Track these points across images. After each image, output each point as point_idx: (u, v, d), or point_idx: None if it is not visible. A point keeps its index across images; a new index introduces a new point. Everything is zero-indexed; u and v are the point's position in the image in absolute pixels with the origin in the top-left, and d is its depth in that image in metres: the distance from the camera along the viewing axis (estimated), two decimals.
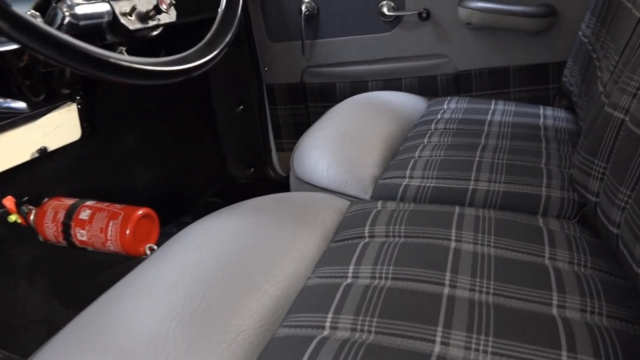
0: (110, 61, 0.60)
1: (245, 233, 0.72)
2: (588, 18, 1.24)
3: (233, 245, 0.68)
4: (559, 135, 1.13)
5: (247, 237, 0.71)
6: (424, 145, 1.09)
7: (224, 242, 0.69)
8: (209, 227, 0.75)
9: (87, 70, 0.59)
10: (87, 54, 0.58)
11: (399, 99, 1.41)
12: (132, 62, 0.62)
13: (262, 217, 0.76)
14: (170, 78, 0.71)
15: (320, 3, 1.59)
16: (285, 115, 1.79)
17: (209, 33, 0.80)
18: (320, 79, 1.69)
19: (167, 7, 1.12)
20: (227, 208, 0.83)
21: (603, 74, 0.87)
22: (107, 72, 0.60)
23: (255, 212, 0.78)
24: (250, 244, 0.69)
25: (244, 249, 0.68)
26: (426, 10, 1.49)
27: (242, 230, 0.72)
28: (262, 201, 0.82)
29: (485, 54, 1.51)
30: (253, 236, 0.71)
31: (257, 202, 0.82)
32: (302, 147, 1.12)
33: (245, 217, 0.76)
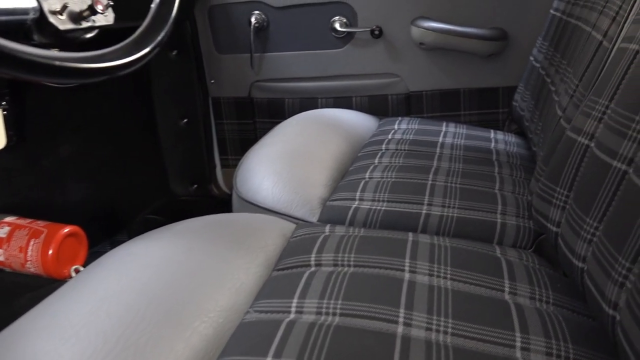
0: (3, 51, 0.50)
1: (176, 259, 0.64)
2: (540, 43, 1.23)
3: (160, 273, 0.60)
4: (511, 160, 1.10)
5: (177, 265, 0.62)
6: (374, 166, 1.04)
7: (150, 270, 0.60)
8: (134, 252, 0.66)
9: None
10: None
11: (350, 117, 1.36)
12: (36, 55, 0.53)
13: (196, 241, 0.68)
14: (87, 77, 0.62)
15: (271, 16, 1.54)
16: (232, 130, 1.71)
17: (139, 29, 0.72)
18: (268, 94, 1.63)
19: (103, 8, 1.03)
20: (158, 230, 0.75)
21: (561, 98, 0.85)
22: (4, 65, 0.50)
23: (189, 235, 0.70)
24: (180, 272, 0.61)
25: (173, 278, 0.60)
26: (379, 28, 1.46)
27: (173, 256, 0.64)
28: (198, 223, 0.74)
29: (436, 76, 1.49)
30: (185, 263, 0.63)
31: (193, 223, 0.74)
32: (247, 164, 1.05)
33: (178, 241, 0.68)
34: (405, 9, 1.44)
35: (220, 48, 1.62)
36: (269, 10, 1.53)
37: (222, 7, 1.57)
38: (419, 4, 1.43)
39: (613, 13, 0.74)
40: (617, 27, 0.70)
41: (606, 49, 0.71)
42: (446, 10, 1.42)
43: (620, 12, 0.72)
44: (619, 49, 0.64)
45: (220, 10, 1.57)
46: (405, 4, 1.44)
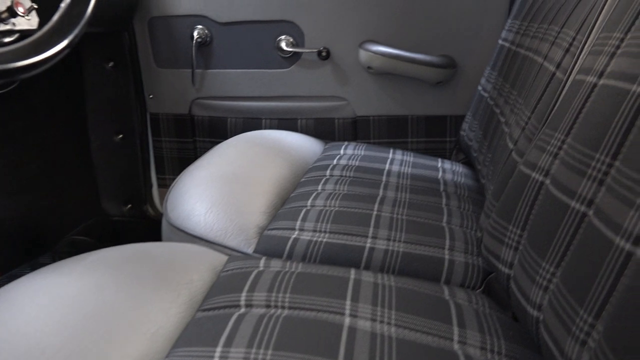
0: None
1: (83, 299, 0.55)
2: (488, 72, 1.22)
3: (62, 316, 0.51)
4: (458, 192, 1.07)
5: (83, 305, 0.54)
6: (317, 193, 0.98)
7: (49, 311, 0.51)
8: (35, 287, 0.56)
9: None
10: None
11: (294, 140, 1.30)
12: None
13: (110, 276, 0.59)
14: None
15: (214, 31, 1.47)
16: (170, 148, 1.62)
17: (42, 29, 0.63)
18: (210, 112, 1.55)
19: (25, 11, 0.93)
20: (69, 261, 0.65)
21: (512, 129, 0.81)
22: None
23: (103, 268, 0.61)
24: (86, 315, 0.52)
25: (75, 322, 0.51)
26: (326, 50, 1.42)
27: (79, 295, 0.55)
28: (116, 253, 0.65)
29: (384, 101, 1.46)
30: (93, 303, 0.54)
31: (109, 254, 0.65)
32: (179, 186, 0.97)
33: (88, 275, 0.59)
34: (353, 32, 1.41)
35: (160, 62, 1.53)
36: (213, 25, 1.46)
37: (164, 19, 1.48)
38: (367, 27, 1.40)
39: (566, 44, 0.72)
40: (572, 58, 0.68)
41: (560, 80, 0.68)
42: (395, 35, 1.40)
43: (574, 42, 0.69)
44: (575, 81, 0.61)
45: (161, 22, 1.49)
46: (353, 26, 1.40)
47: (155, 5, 1.47)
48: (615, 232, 0.44)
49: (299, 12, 1.41)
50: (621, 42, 0.55)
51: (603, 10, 0.64)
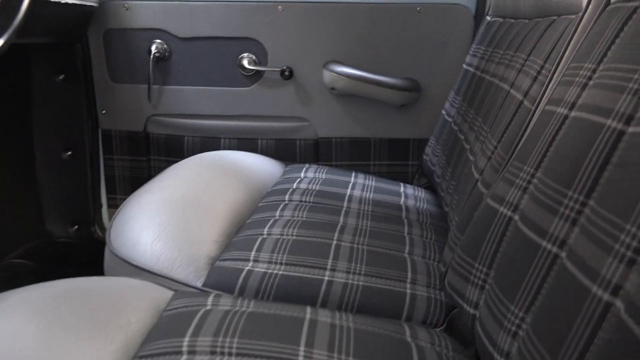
0: None
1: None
2: (452, 97, 1.20)
3: None
4: (421, 219, 1.03)
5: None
6: (275, 220, 0.93)
7: None
8: None
9: None
10: None
11: (253, 162, 1.25)
12: None
13: (31, 321, 0.52)
14: None
15: (173, 46, 1.41)
16: (123, 167, 1.54)
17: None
18: (166, 129, 1.48)
19: None
20: None
21: (477, 158, 0.78)
22: None
23: (23, 311, 0.54)
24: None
25: None
26: (289, 69, 1.37)
27: None
28: (40, 292, 0.58)
29: (347, 123, 1.42)
30: (5, 355, 0.47)
31: (33, 293, 0.58)
32: (126, 211, 0.90)
33: (4, 320, 0.52)
34: (317, 52, 1.37)
35: (115, 76, 1.46)
36: (172, 40, 1.41)
37: (120, 32, 1.42)
38: (332, 47, 1.37)
39: (534, 72, 0.69)
40: (541, 87, 0.65)
41: (528, 110, 0.66)
42: (360, 57, 1.37)
43: (542, 71, 0.67)
44: (545, 111, 0.58)
45: (118, 35, 1.42)
46: (318, 46, 1.37)
47: (111, 17, 1.40)
48: (592, 279, 0.40)
49: (263, 29, 1.37)
50: (593, 72, 0.53)
51: (572, 39, 0.62)
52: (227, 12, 1.37)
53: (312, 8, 1.34)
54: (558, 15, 0.74)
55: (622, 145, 0.44)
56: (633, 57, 0.47)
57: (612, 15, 0.55)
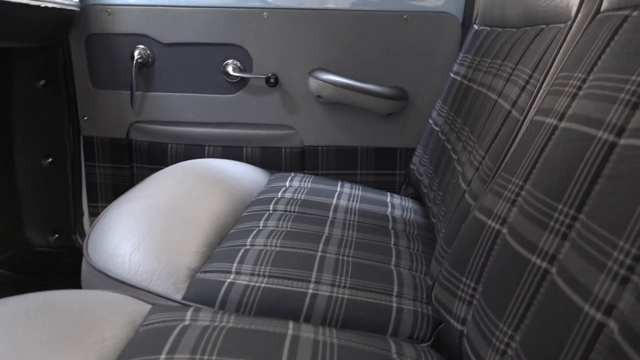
0: None
1: None
2: (439, 106, 1.19)
3: None
4: (407, 229, 1.02)
5: None
6: (258, 230, 0.91)
7: None
8: None
9: None
10: None
11: (237, 170, 1.23)
12: None
13: (1, 336, 0.50)
14: None
15: (157, 52, 1.39)
16: (105, 174, 1.50)
17: None
18: (150, 137, 1.45)
19: None
20: None
21: (465, 168, 0.77)
22: None
23: None
24: None
25: None
26: (274, 76, 1.36)
27: None
28: (10, 307, 0.56)
29: (333, 131, 1.41)
30: None
31: (4, 307, 0.56)
32: (104, 221, 0.87)
33: None
34: (303, 59, 1.36)
35: (97, 82, 1.43)
36: (156, 46, 1.38)
37: (103, 37, 1.39)
38: (318, 55, 1.35)
39: (522, 82, 0.68)
40: (529, 97, 0.64)
41: (517, 120, 0.64)
42: (347, 65, 1.35)
43: (531, 81, 0.66)
44: (533, 122, 0.57)
45: (100, 40, 1.39)
46: (304, 53, 1.35)
47: (94, 22, 1.38)
48: (584, 297, 0.39)
49: (248, 36, 1.35)
50: (583, 82, 0.51)
51: (561, 49, 0.61)
52: (212, 18, 1.35)
53: (298, 14, 1.33)
54: (546, 24, 0.73)
55: (613, 158, 0.43)
56: (624, 66, 0.46)
57: (602, 24, 0.53)
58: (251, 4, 1.34)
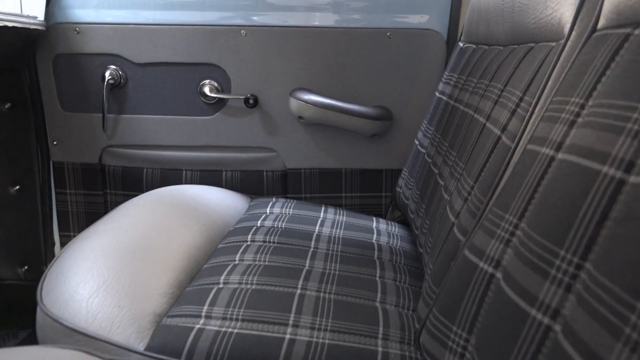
0: None
1: None
2: (425, 126, 1.13)
3: None
4: (394, 259, 0.96)
5: None
6: (234, 266, 0.84)
7: None
8: None
9: None
10: None
11: (214, 197, 1.16)
12: None
13: None
14: None
15: (130, 72, 1.32)
16: (77, 202, 1.43)
17: None
18: (123, 161, 1.38)
19: None
20: None
21: (452, 197, 0.71)
22: None
23: None
24: None
25: None
26: (254, 97, 1.30)
27: None
28: None
29: (316, 153, 1.35)
30: None
31: None
32: (62, 261, 0.80)
33: None
34: (284, 79, 1.30)
35: (66, 105, 1.36)
36: (128, 66, 1.32)
37: (71, 57, 1.33)
38: (299, 74, 1.30)
39: (512, 105, 0.63)
40: (520, 122, 0.58)
41: (508, 147, 0.59)
42: (329, 84, 1.30)
43: (521, 104, 0.60)
44: (527, 151, 0.51)
45: (69, 60, 1.33)
46: (284, 72, 1.30)
47: (61, 41, 1.31)
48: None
49: (225, 55, 1.29)
50: (581, 108, 0.46)
51: (554, 70, 0.55)
52: (187, 36, 1.29)
53: (277, 32, 1.28)
54: (536, 42, 0.68)
55: (622, 197, 0.37)
56: (629, 92, 0.41)
57: (599, 43, 0.48)
58: (229, 22, 1.28)
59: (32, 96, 1.35)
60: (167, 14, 1.28)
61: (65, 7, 1.29)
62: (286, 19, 1.28)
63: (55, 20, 1.29)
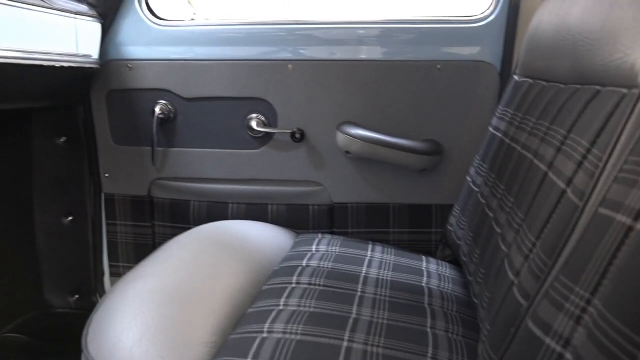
0: None
1: None
2: (478, 163, 1.08)
3: None
4: (446, 306, 0.91)
5: None
6: (278, 312, 0.81)
7: None
8: None
9: None
10: None
11: (260, 234, 1.15)
12: None
13: None
14: None
15: (179, 107, 1.33)
16: (126, 233, 1.45)
17: None
18: (171, 194, 1.39)
19: None
20: None
21: (511, 251, 0.66)
22: None
23: None
24: None
25: None
26: (301, 131, 1.28)
27: None
28: None
29: (363, 188, 1.32)
30: None
31: None
32: (107, 306, 0.80)
33: None
34: (330, 112, 1.28)
35: (118, 139, 1.39)
36: (178, 101, 1.33)
37: (124, 92, 1.35)
38: (346, 107, 1.27)
39: (578, 157, 0.58)
40: (589, 179, 0.53)
41: (575, 206, 0.54)
42: (376, 117, 1.27)
43: (589, 157, 0.56)
44: (599, 215, 0.47)
45: (121, 95, 1.36)
46: (331, 106, 1.28)
47: (115, 78, 1.34)
48: None
49: (272, 89, 1.29)
50: None
51: (628, 123, 0.51)
52: (235, 71, 1.29)
53: (324, 66, 1.26)
54: (603, 86, 0.63)
55: None
56: None
57: None
58: (275, 57, 1.28)
59: (86, 130, 1.38)
60: (215, 49, 1.29)
61: (118, 44, 1.32)
62: (333, 53, 1.26)
63: (109, 57, 1.32)
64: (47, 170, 1.41)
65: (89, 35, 1.24)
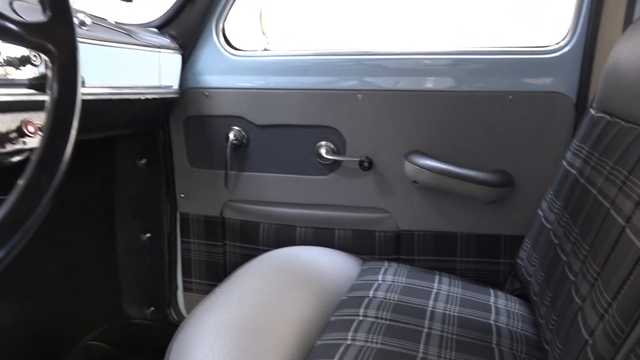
0: None
1: None
2: (551, 198, 1.06)
3: None
4: (514, 347, 0.90)
5: None
6: (347, 347, 0.84)
7: None
8: None
9: None
10: None
11: (327, 261, 1.17)
12: None
13: None
14: None
15: (251, 133, 1.39)
16: (199, 251, 1.52)
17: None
18: (242, 215, 1.45)
19: (34, 130, 0.87)
20: None
21: (586, 308, 0.65)
22: None
23: None
24: None
25: None
26: (368, 160, 1.30)
27: None
28: None
29: (430, 216, 1.32)
30: None
31: None
32: (187, 332, 0.84)
33: None
34: (399, 142, 1.29)
35: (193, 161, 1.46)
36: (250, 127, 1.39)
37: (200, 118, 1.42)
38: (414, 137, 1.28)
39: None
40: None
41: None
42: (445, 147, 1.27)
43: None
44: None
45: (198, 121, 1.43)
46: (399, 136, 1.29)
47: (192, 104, 1.41)
48: None
49: (341, 118, 1.32)
50: None
51: None
52: (306, 100, 1.33)
53: (393, 96, 1.28)
54: None
55: None
56: None
57: None
58: (345, 86, 1.31)
59: (164, 153, 1.46)
60: (286, 78, 1.34)
61: (196, 73, 1.39)
62: (402, 83, 1.27)
63: (187, 85, 1.39)
64: (128, 190, 1.50)
65: (171, 66, 1.31)
